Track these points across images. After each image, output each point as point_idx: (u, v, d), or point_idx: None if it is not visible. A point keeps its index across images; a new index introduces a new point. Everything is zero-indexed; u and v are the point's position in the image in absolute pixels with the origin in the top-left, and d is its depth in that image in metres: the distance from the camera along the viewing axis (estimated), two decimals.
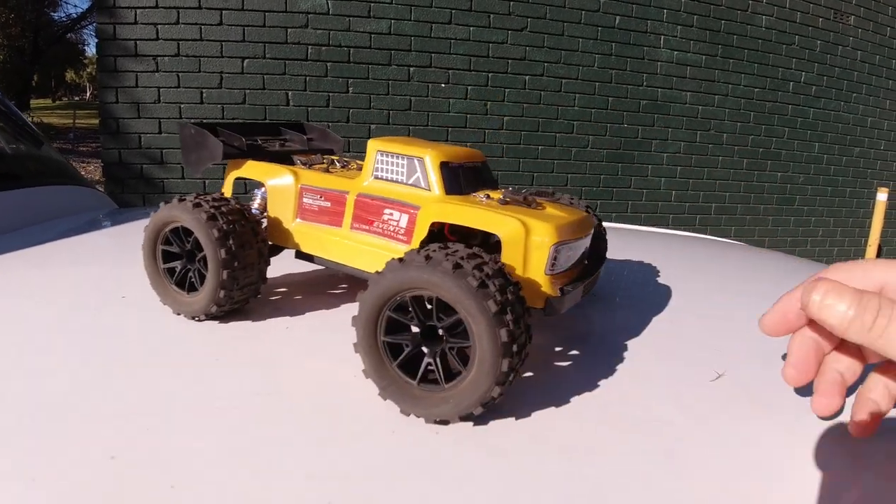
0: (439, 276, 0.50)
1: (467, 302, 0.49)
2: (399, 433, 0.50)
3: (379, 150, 0.71)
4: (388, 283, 0.53)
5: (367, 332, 0.55)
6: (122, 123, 3.22)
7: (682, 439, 0.51)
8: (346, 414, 0.52)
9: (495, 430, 0.51)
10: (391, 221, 0.68)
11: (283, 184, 0.78)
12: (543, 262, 0.59)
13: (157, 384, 0.57)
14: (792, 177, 4.52)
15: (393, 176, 0.70)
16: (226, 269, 0.70)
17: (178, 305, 0.75)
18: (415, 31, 3.45)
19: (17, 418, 0.50)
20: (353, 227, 0.72)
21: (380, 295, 0.53)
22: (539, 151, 3.77)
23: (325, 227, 0.75)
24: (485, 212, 0.61)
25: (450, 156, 0.69)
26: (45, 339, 0.68)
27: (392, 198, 0.69)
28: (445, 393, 0.52)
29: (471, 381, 0.50)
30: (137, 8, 3.15)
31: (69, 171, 1.77)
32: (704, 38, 4.04)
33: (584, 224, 0.67)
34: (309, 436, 0.49)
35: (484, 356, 0.49)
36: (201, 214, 0.70)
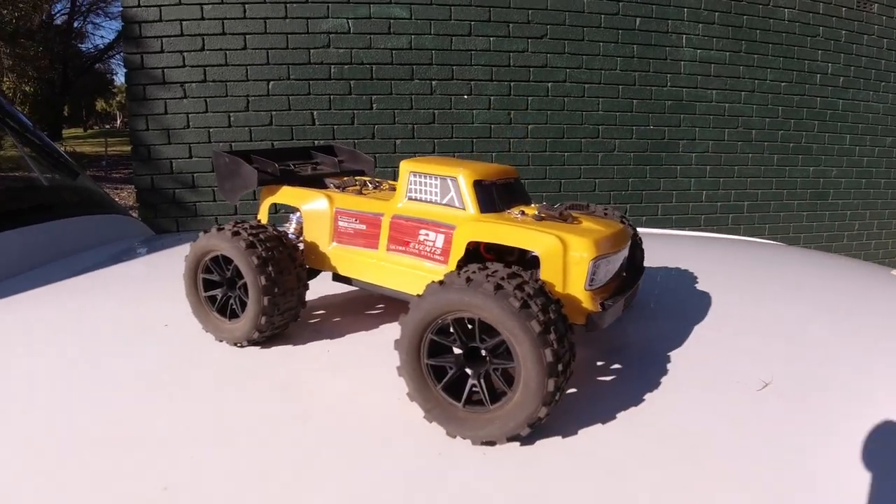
0: (481, 298, 0.50)
1: (510, 323, 0.49)
2: (446, 455, 0.50)
3: (412, 171, 0.72)
4: (429, 307, 0.53)
5: (410, 355, 0.55)
6: (153, 150, 3.29)
7: (731, 454, 0.50)
8: (392, 437, 0.53)
9: (542, 449, 0.51)
10: (427, 242, 0.69)
11: (318, 208, 0.80)
12: (583, 278, 0.59)
13: (202, 412, 0.57)
14: (824, 171, 4.44)
15: (427, 196, 0.71)
16: (266, 295, 0.72)
17: (221, 332, 0.77)
18: (435, 44, 3.47)
19: (69, 450, 0.51)
20: (390, 249, 0.73)
21: (422, 318, 0.54)
22: (565, 158, 3.75)
23: (362, 249, 0.76)
24: (522, 229, 0.61)
25: (483, 173, 0.69)
26: (91, 368, 0.70)
27: (427, 218, 0.69)
28: (491, 414, 0.52)
29: (517, 402, 0.50)
30: (163, 37, 3.22)
31: (105, 200, 1.81)
32: (727, 35, 3.99)
33: (622, 236, 0.66)
34: (356, 460, 0.49)
35: (529, 377, 0.49)
36: (240, 242, 0.72)
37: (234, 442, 0.51)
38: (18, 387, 0.64)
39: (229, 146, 3.30)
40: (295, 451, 0.50)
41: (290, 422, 0.55)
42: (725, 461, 0.49)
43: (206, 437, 0.52)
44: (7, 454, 0.51)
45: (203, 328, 0.79)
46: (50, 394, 0.62)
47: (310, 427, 0.54)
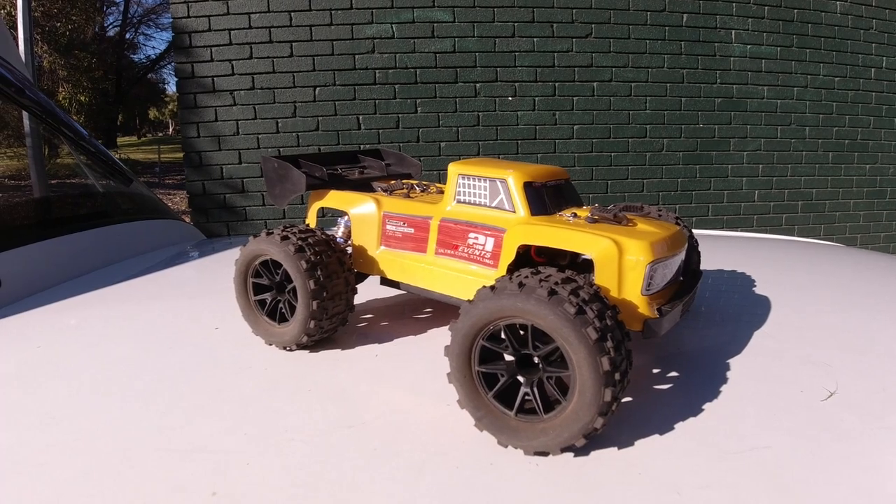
0: (534, 304, 0.49)
1: (565, 330, 0.48)
2: (497, 465, 0.50)
3: (461, 173, 0.71)
4: (480, 313, 0.52)
5: (460, 362, 0.54)
6: (205, 156, 3.37)
7: (793, 468, 0.48)
8: (441, 447, 0.52)
9: (596, 462, 0.50)
10: (476, 245, 0.68)
11: (366, 212, 0.80)
12: (640, 283, 0.57)
13: (252, 417, 0.58)
14: (881, 168, 4.28)
15: (476, 199, 0.70)
16: (315, 299, 0.72)
17: (270, 336, 0.78)
18: (478, 47, 3.47)
19: (122, 452, 0.52)
20: (438, 253, 0.72)
21: (472, 325, 0.53)
22: (612, 158, 3.70)
23: (410, 253, 0.76)
24: (575, 232, 0.60)
25: (533, 175, 0.68)
26: (139, 371, 0.71)
27: (476, 221, 0.69)
28: (544, 424, 0.51)
29: (571, 412, 0.49)
30: (213, 46, 3.30)
31: (159, 206, 1.85)
32: (777, 30, 3.89)
33: (678, 239, 0.65)
34: (405, 470, 0.49)
35: (585, 385, 0.48)
36: (289, 247, 0.73)
37: (285, 449, 0.52)
38: (71, 388, 0.66)
39: (278, 152, 3.35)
40: (344, 460, 0.50)
41: (339, 430, 0.55)
42: (791, 477, 0.47)
43: (255, 444, 0.53)
44: (57, 454, 0.52)
45: (253, 332, 0.80)
46: (103, 396, 0.64)
47: (359, 436, 0.54)
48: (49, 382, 0.68)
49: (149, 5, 19.53)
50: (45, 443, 0.54)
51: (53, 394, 0.65)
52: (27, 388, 0.67)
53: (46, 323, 0.91)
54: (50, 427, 0.57)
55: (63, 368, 0.73)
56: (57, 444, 0.54)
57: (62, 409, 0.61)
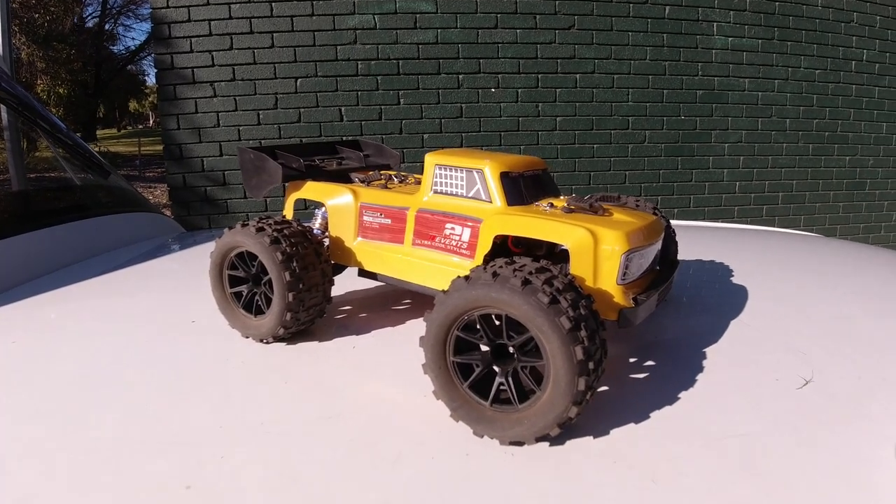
0: (508, 294, 0.49)
1: (538, 319, 0.48)
2: (474, 456, 0.49)
3: (437, 163, 0.70)
4: (455, 303, 0.52)
5: (435, 352, 0.54)
6: (185, 148, 3.33)
7: (768, 455, 0.48)
8: (418, 437, 0.52)
9: (572, 451, 0.50)
10: (453, 236, 0.68)
11: (343, 203, 0.79)
12: (615, 272, 0.57)
13: (227, 410, 0.57)
14: (861, 160, 4.33)
15: (453, 189, 0.69)
16: (291, 291, 0.71)
17: (247, 329, 0.77)
18: (461, 38, 3.45)
19: (94, 446, 0.51)
20: (415, 244, 0.72)
21: (447, 315, 0.53)
22: (594, 150, 3.71)
23: (387, 244, 0.75)
24: (550, 222, 0.60)
25: (510, 165, 0.68)
26: (116, 365, 0.70)
27: (453, 212, 0.68)
28: (519, 413, 0.51)
29: (546, 401, 0.49)
30: (192, 37, 3.26)
31: (137, 199, 1.83)
32: (759, 22, 3.91)
33: (655, 228, 0.65)
34: (381, 460, 0.48)
35: (559, 375, 0.48)
36: (264, 238, 0.72)
37: (261, 442, 0.51)
38: (47, 384, 0.65)
39: (259, 143, 3.33)
40: (321, 452, 0.50)
41: (316, 422, 0.55)
42: (766, 464, 0.47)
43: (231, 437, 0.52)
44: (33, 450, 0.51)
45: (230, 324, 0.79)
46: (78, 390, 0.63)
47: (336, 427, 0.53)
48: (23, 377, 0.67)
49: None
50: (20, 437, 0.53)
51: (28, 388, 0.64)
52: (1, 383, 0.66)
53: (23, 317, 0.90)
54: (24, 422, 0.56)
55: (37, 363, 0.72)
56: (32, 439, 0.53)
57: (37, 403, 0.60)
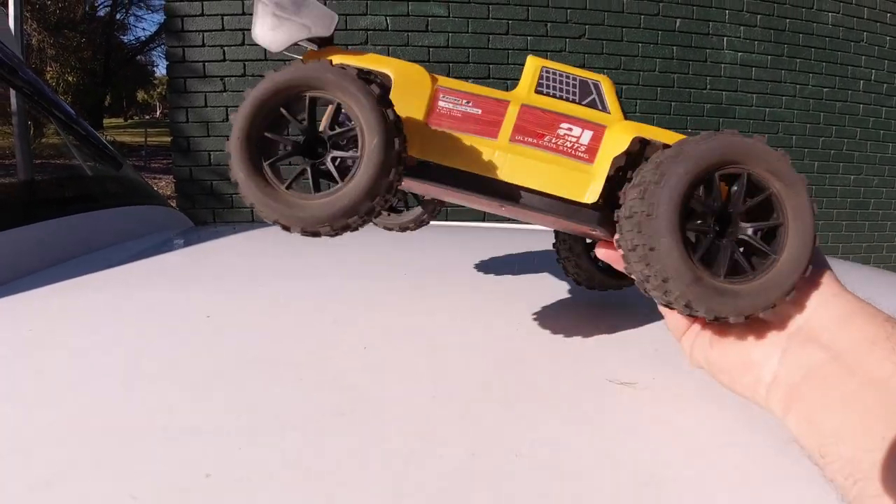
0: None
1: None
2: (479, 456, 0.50)
3: (544, 66, 0.62)
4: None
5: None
6: (193, 142, 3.34)
7: (764, 462, 0.49)
8: (427, 435, 0.53)
9: (572, 455, 0.51)
10: (569, 136, 0.60)
11: (415, 78, 0.62)
12: None
13: (244, 403, 0.58)
14: (866, 179, 4.34)
15: (564, 94, 0.62)
16: (386, 150, 0.49)
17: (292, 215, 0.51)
18: (472, 42, 3.47)
19: (109, 440, 0.52)
20: (515, 140, 0.61)
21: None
22: None
23: (475, 136, 0.62)
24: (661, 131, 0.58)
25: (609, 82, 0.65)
26: (132, 355, 0.71)
27: (570, 113, 0.61)
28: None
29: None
30: (205, 31, 3.27)
31: (148, 191, 1.84)
32: (769, 38, 3.93)
33: None
34: (395, 456, 0.49)
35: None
36: (351, 78, 0.51)
37: (278, 435, 0.52)
38: (62, 371, 0.66)
39: None
40: (335, 447, 0.51)
41: (331, 417, 0.56)
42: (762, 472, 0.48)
43: (249, 429, 0.53)
44: (51, 435, 0.52)
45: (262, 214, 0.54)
46: (94, 379, 0.64)
47: (350, 423, 0.54)
48: (41, 365, 0.68)
49: None
50: (38, 424, 0.54)
51: (45, 376, 0.65)
52: (20, 370, 0.67)
53: (37, 307, 0.91)
54: (42, 408, 0.57)
55: (53, 351, 0.72)
56: (50, 426, 0.54)
57: (53, 391, 0.61)
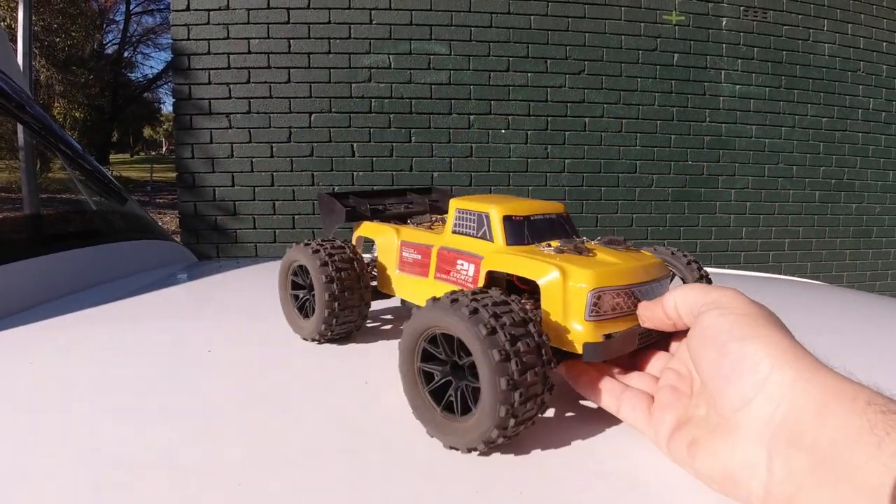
0: (456, 319, 0.54)
1: (474, 347, 0.53)
2: (483, 493, 0.51)
3: (457, 207, 0.78)
4: (421, 319, 0.58)
5: (406, 357, 0.60)
6: (198, 177, 3.39)
7: None
8: (430, 473, 0.54)
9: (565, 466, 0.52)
10: (462, 270, 0.74)
11: (388, 240, 0.89)
12: (582, 307, 0.60)
13: (247, 438, 0.59)
14: (868, 207, 4.36)
15: (467, 230, 0.76)
16: (327, 309, 0.82)
17: (296, 326, 0.90)
18: (473, 80, 3.53)
19: (110, 475, 0.52)
20: (437, 277, 0.78)
21: (415, 327, 0.59)
22: (602, 193, 3.75)
23: (417, 277, 0.83)
24: (529, 260, 0.64)
25: (515, 210, 0.73)
26: (133, 395, 0.72)
27: (463, 249, 0.74)
28: (458, 424, 0.55)
29: (476, 419, 0.53)
30: (211, 69, 3.34)
31: (152, 226, 1.86)
32: (766, 70, 3.98)
33: (642, 271, 0.67)
34: (397, 494, 0.50)
35: (485, 399, 0.52)
36: (315, 261, 0.84)
37: (281, 471, 0.53)
38: (65, 405, 0.66)
39: (270, 176, 3.39)
40: (339, 484, 0.51)
41: (335, 454, 0.56)
42: None
43: (251, 465, 0.54)
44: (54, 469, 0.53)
45: (286, 320, 0.91)
46: (95, 414, 0.64)
47: (354, 459, 0.55)
48: (42, 398, 0.69)
49: (148, 25, 19.76)
50: (38, 457, 0.55)
51: (48, 410, 0.66)
52: (21, 402, 0.68)
53: (39, 338, 0.92)
54: (42, 442, 0.58)
55: (54, 383, 0.74)
56: (51, 459, 0.55)
57: (54, 425, 0.62)
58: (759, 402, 0.41)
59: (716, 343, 0.46)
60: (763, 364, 0.42)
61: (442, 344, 0.58)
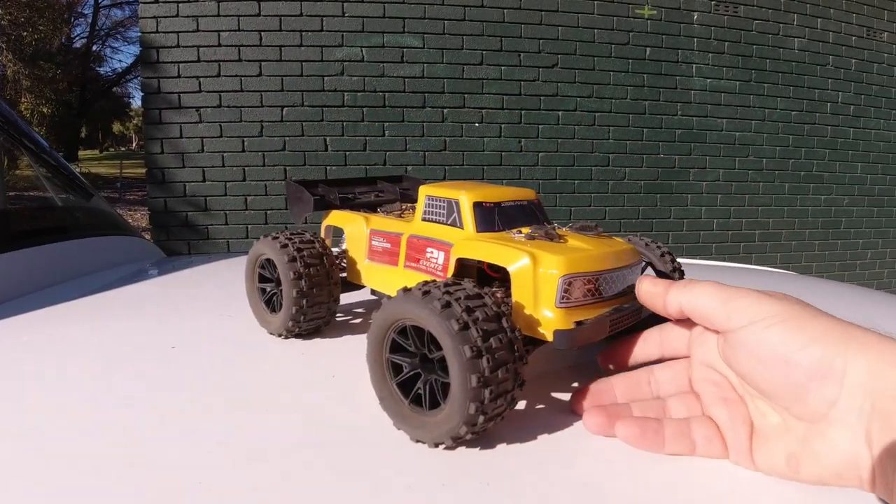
0: (427, 313, 0.53)
1: (446, 342, 0.52)
2: (449, 486, 0.50)
3: (427, 194, 0.76)
4: (391, 310, 0.57)
5: (374, 347, 0.59)
6: (168, 173, 3.33)
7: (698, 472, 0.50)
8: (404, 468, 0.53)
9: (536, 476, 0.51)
10: (432, 259, 0.73)
11: (357, 229, 0.87)
12: (553, 294, 0.60)
13: (212, 437, 0.58)
14: (836, 199, 4.43)
15: (437, 217, 0.74)
16: (295, 306, 0.80)
17: (264, 321, 0.88)
18: (447, 73, 3.51)
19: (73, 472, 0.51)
20: (406, 266, 0.77)
21: (385, 318, 0.58)
22: (575, 186, 3.77)
23: (387, 266, 0.81)
24: (499, 247, 0.63)
25: (486, 196, 0.72)
26: (95, 392, 0.70)
27: (433, 237, 0.73)
28: (426, 418, 0.55)
29: (445, 414, 0.53)
30: (180, 62, 3.28)
31: (119, 222, 1.83)
32: (737, 64, 4.02)
33: (614, 257, 0.66)
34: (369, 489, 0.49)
35: (454, 395, 0.51)
36: (284, 256, 0.80)
37: (246, 467, 0.52)
38: (26, 405, 0.65)
39: (242, 170, 3.35)
40: (308, 480, 0.51)
41: (304, 449, 0.56)
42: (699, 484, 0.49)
43: (214, 462, 0.53)
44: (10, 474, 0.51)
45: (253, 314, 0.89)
46: (55, 413, 0.63)
47: (323, 455, 0.54)
48: (4, 395, 0.68)
49: (117, 18, 19.44)
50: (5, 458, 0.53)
51: (8, 407, 0.64)
52: None
53: (2, 336, 0.90)
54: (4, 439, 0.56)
55: (13, 382, 0.72)
56: (13, 456, 0.53)
57: (18, 422, 0.60)
58: (844, 400, 0.41)
59: (778, 359, 0.45)
60: (836, 364, 0.42)
61: (412, 336, 0.57)
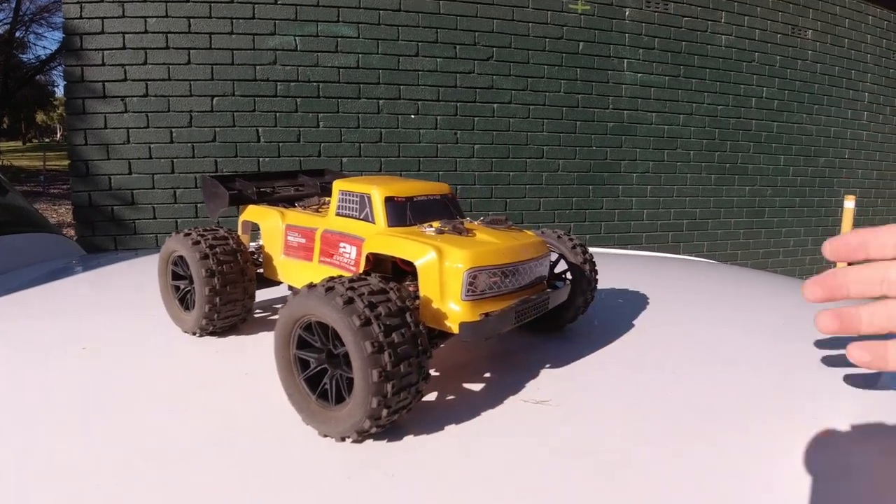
0: (329, 309, 0.53)
1: (348, 338, 0.53)
2: (355, 479, 0.51)
3: (341, 189, 0.76)
4: (296, 306, 0.57)
5: (280, 344, 0.60)
6: (92, 165, 3.20)
7: (642, 467, 0.52)
8: (312, 463, 0.53)
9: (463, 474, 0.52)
10: (345, 253, 0.73)
11: (272, 224, 0.86)
12: (459, 287, 0.61)
13: (121, 435, 0.57)
14: (760, 190, 4.62)
15: (350, 212, 0.75)
16: (209, 304, 0.79)
17: (177, 319, 0.86)
18: (382, 64, 3.49)
19: None
20: (321, 261, 0.77)
21: (290, 314, 0.58)
22: (510, 178, 3.81)
23: (302, 261, 0.81)
24: (407, 241, 0.64)
25: (398, 191, 0.73)
26: (5, 391, 0.68)
27: (346, 232, 0.73)
28: (331, 413, 0.56)
29: (350, 409, 0.54)
30: (105, 49, 3.16)
31: (34, 218, 1.75)
32: (666, 60, 4.13)
33: (521, 249, 0.68)
34: (275, 482, 0.49)
35: (358, 390, 0.53)
36: (195, 253, 0.79)
37: (158, 468, 0.51)
38: None
39: (171, 162, 3.25)
40: (216, 476, 0.50)
41: (210, 447, 0.55)
42: (617, 473, 0.51)
43: (125, 462, 0.52)
44: None
45: (167, 310, 0.87)
46: None
47: (230, 452, 0.54)
48: None
49: (42, 3, 18.54)
50: None
51: None
52: None
53: None
54: None
55: None
56: None
57: None
58: None
59: None
60: None
61: (317, 332, 0.57)
